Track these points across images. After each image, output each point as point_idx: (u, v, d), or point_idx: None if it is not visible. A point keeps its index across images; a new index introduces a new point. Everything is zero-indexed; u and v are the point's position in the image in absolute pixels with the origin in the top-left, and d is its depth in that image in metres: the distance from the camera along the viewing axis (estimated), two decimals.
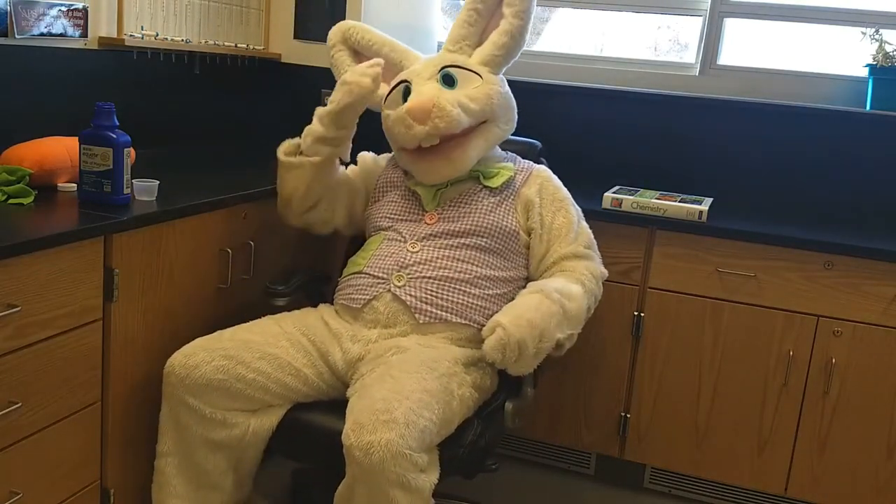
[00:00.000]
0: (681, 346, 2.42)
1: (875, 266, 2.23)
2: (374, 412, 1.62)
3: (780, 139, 2.71)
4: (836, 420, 2.32)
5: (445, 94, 2.02)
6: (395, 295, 1.95)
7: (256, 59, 3.05)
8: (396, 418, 1.60)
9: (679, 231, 2.36)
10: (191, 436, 1.84)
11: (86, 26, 2.31)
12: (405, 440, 1.58)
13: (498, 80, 2.14)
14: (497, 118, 2.12)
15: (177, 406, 1.83)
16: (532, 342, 1.80)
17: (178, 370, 1.81)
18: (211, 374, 1.80)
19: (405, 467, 1.57)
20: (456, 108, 2.01)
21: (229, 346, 1.85)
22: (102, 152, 1.80)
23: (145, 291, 1.88)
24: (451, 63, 2.10)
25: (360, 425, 1.60)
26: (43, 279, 1.60)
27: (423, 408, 1.65)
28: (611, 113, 2.86)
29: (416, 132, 2.00)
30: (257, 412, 1.86)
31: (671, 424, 2.47)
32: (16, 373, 1.58)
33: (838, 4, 2.73)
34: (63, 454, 1.74)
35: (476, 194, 2.10)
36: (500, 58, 2.14)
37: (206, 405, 1.81)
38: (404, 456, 1.57)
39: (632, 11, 2.98)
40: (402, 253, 2.02)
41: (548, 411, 2.58)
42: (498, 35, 2.13)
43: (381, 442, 1.57)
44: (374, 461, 1.56)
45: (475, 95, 2.07)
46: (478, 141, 2.09)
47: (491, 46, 2.13)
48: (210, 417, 1.82)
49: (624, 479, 2.64)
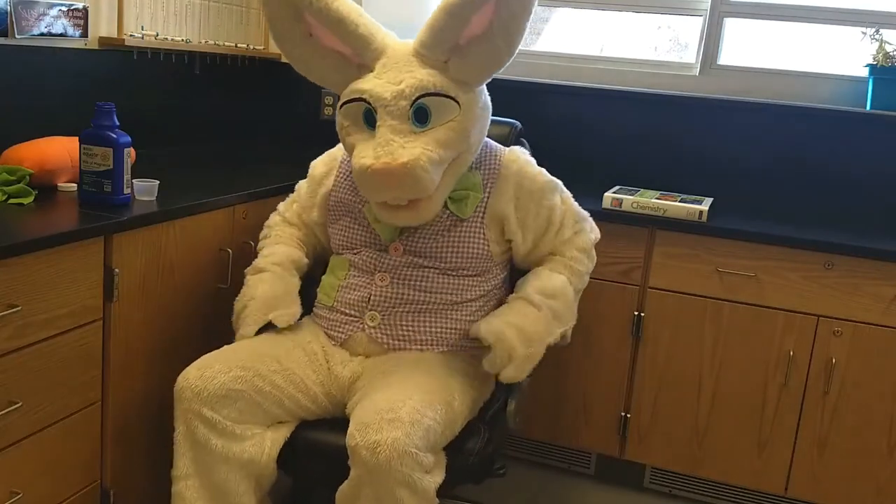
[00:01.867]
0: (681, 346, 2.42)
1: (875, 266, 2.23)
2: (379, 411, 1.61)
3: (780, 139, 2.71)
4: (836, 420, 2.32)
5: (419, 156, 1.72)
6: (369, 336, 1.89)
7: (256, 59, 3.05)
8: (401, 417, 1.59)
9: (679, 231, 2.36)
10: (209, 453, 1.73)
11: (86, 26, 2.30)
12: (411, 439, 1.57)
13: (476, 96, 1.84)
14: (469, 148, 1.85)
15: (193, 422, 1.73)
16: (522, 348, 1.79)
17: (194, 383, 1.73)
18: (230, 383, 1.73)
19: (411, 466, 1.56)
20: (430, 174, 1.74)
21: (245, 357, 1.80)
22: (102, 152, 1.80)
23: (145, 291, 1.88)
24: (427, 90, 1.76)
25: (366, 425, 1.59)
26: (43, 279, 1.60)
27: (426, 407, 1.65)
28: (611, 113, 2.86)
29: (382, 195, 1.78)
30: (270, 427, 1.80)
31: (671, 424, 2.47)
32: (16, 373, 1.58)
33: (838, 4, 2.73)
34: (63, 454, 1.74)
35: (441, 221, 1.90)
36: (481, 78, 1.84)
37: (224, 417, 1.73)
38: (410, 455, 1.56)
39: (632, 11, 2.98)
40: (369, 287, 1.91)
41: (548, 411, 2.57)
42: (487, 53, 1.78)
43: (388, 441, 1.56)
44: (380, 460, 1.55)
45: (450, 139, 1.78)
46: (448, 182, 1.84)
47: (477, 64, 1.80)
48: (230, 431, 1.73)
49: (624, 479, 2.64)
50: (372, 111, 1.78)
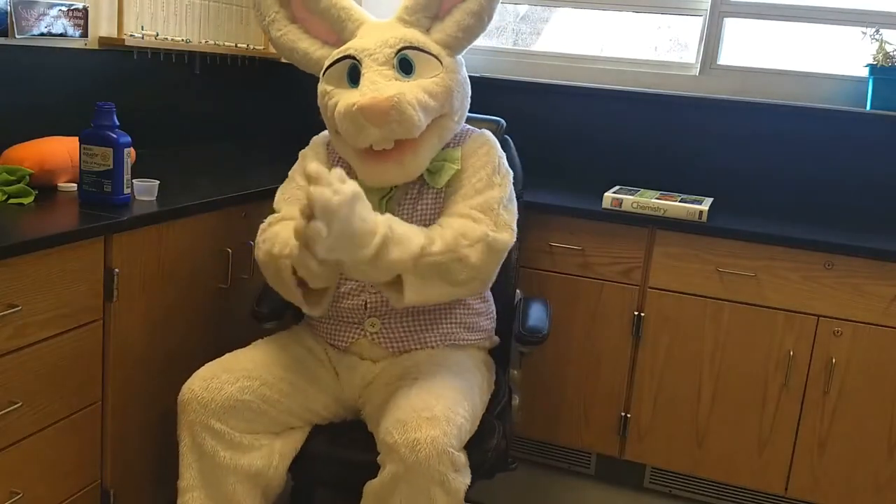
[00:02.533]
0: (681, 346, 2.42)
1: (875, 266, 2.23)
2: (415, 410, 1.61)
3: (780, 139, 2.71)
4: (836, 420, 2.32)
5: (405, 92, 1.73)
6: (372, 341, 1.88)
7: (256, 59, 3.05)
8: (437, 415, 1.60)
9: (679, 231, 2.36)
10: (217, 465, 1.71)
11: (86, 26, 2.30)
12: (448, 438, 1.58)
13: (457, 64, 1.87)
14: (453, 111, 1.86)
15: (200, 433, 1.71)
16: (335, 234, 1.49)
17: (201, 394, 1.71)
18: (237, 394, 1.71)
19: (447, 465, 1.58)
20: (417, 112, 1.73)
21: (250, 366, 1.78)
22: (103, 152, 1.80)
23: (145, 291, 1.88)
24: (411, 44, 1.80)
25: (403, 423, 1.59)
26: (43, 279, 1.60)
27: (457, 405, 1.66)
28: (611, 113, 2.86)
29: (368, 134, 1.73)
30: (280, 435, 1.78)
31: (671, 424, 2.47)
32: (16, 373, 1.58)
33: (838, 4, 2.73)
34: (63, 454, 1.74)
35: (423, 197, 1.88)
36: (462, 41, 1.86)
37: (232, 428, 1.71)
38: (447, 454, 1.58)
39: (632, 11, 2.98)
40: (363, 294, 1.86)
41: (548, 411, 2.57)
42: (462, 14, 1.83)
43: (428, 439, 1.56)
44: (420, 458, 1.55)
45: (435, 90, 1.79)
46: (432, 140, 1.83)
47: (454, 26, 1.84)
48: (238, 441, 1.71)
49: (624, 479, 2.64)
50: (357, 64, 1.79)
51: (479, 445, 1.76)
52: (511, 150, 2.21)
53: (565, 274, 2.47)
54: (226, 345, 2.07)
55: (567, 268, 2.47)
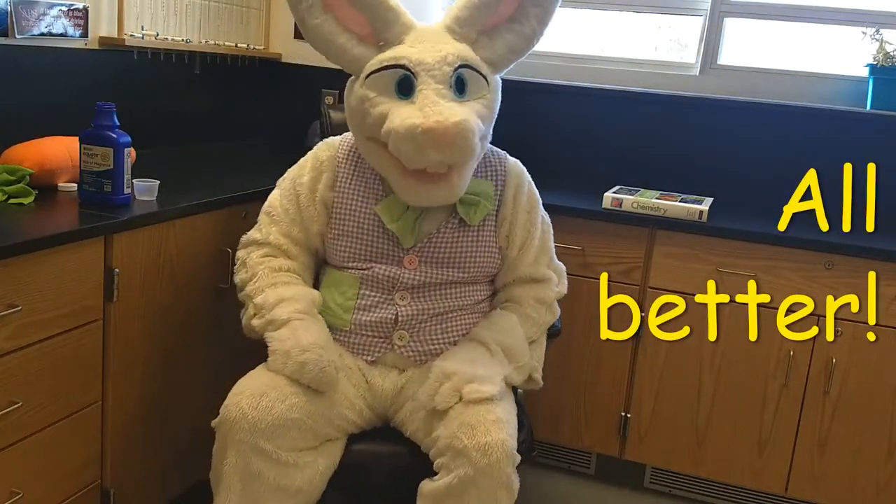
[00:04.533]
0: (681, 346, 2.42)
1: (875, 266, 2.22)
2: (479, 412, 1.62)
3: (780, 139, 2.71)
4: (836, 420, 2.32)
5: (468, 118, 1.67)
6: (399, 354, 1.84)
7: (256, 59, 3.05)
8: (501, 417, 1.63)
9: (679, 231, 2.36)
10: (262, 485, 1.64)
11: (86, 26, 2.30)
12: (512, 440, 1.61)
13: (498, 85, 1.85)
14: (489, 131, 1.84)
15: (248, 454, 1.63)
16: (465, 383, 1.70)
17: (250, 413, 1.62)
18: (287, 412, 1.64)
19: (511, 467, 1.61)
20: (476, 138, 1.69)
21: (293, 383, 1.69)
22: (103, 152, 1.80)
23: (145, 291, 1.88)
24: (467, 62, 1.75)
25: (471, 427, 1.60)
26: (43, 279, 1.60)
27: (508, 404, 1.71)
28: (611, 113, 2.86)
29: (427, 157, 1.66)
30: (319, 448, 1.73)
31: (671, 424, 2.47)
32: (16, 373, 1.58)
33: (838, 4, 2.73)
34: (63, 454, 1.74)
35: (454, 230, 1.84)
36: (509, 62, 1.84)
37: (278, 447, 1.64)
38: (513, 456, 1.60)
39: (632, 11, 2.98)
40: (391, 307, 1.83)
41: (548, 411, 2.57)
42: (515, 36, 1.80)
43: (497, 442, 1.58)
44: (492, 462, 1.57)
45: (484, 113, 1.76)
46: (473, 164, 1.80)
47: (504, 47, 1.81)
48: (284, 461, 1.65)
49: (624, 479, 2.64)
50: (411, 76, 1.72)
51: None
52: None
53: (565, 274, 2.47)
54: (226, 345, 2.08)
55: (567, 268, 2.45)
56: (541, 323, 1.93)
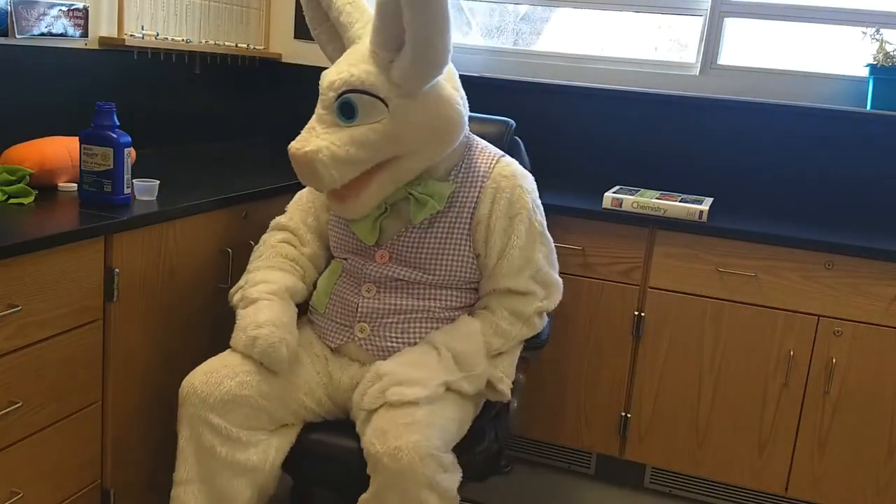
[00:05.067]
0: (681, 346, 2.42)
1: (875, 266, 2.23)
2: (394, 416, 1.62)
3: (780, 139, 2.71)
4: (836, 420, 2.32)
5: (321, 149, 1.68)
6: (359, 346, 1.87)
7: (256, 59, 3.05)
8: (418, 420, 1.61)
9: (679, 231, 2.36)
10: (214, 459, 1.72)
11: (86, 26, 2.31)
12: (430, 441, 1.59)
13: (418, 108, 1.72)
14: (412, 152, 1.76)
15: (199, 427, 1.71)
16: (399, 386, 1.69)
17: (200, 389, 1.71)
18: (236, 389, 1.72)
19: (433, 468, 1.58)
20: (329, 170, 1.68)
21: (251, 361, 1.77)
22: (103, 152, 1.80)
23: (145, 291, 1.88)
24: (353, 87, 1.70)
25: (384, 431, 1.60)
26: (43, 279, 1.60)
27: (440, 407, 1.67)
28: (611, 113, 2.86)
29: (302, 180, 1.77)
30: (275, 431, 1.79)
31: (671, 424, 2.47)
32: (16, 373, 1.58)
33: (838, 4, 2.73)
34: (63, 454, 1.74)
35: (422, 230, 1.85)
36: (415, 81, 1.70)
37: (230, 423, 1.71)
38: (431, 456, 1.58)
39: (632, 11, 2.98)
40: (356, 298, 1.87)
41: (548, 411, 2.57)
42: (411, 58, 1.66)
43: (409, 445, 1.57)
44: (403, 465, 1.56)
45: (368, 139, 1.70)
46: (382, 181, 1.77)
47: (405, 66, 1.68)
48: (236, 437, 1.71)
49: (624, 479, 2.64)
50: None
51: (469, 446, 1.76)
52: (521, 153, 2.21)
53: (565, 274, 2.45)
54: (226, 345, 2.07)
55: (567, 268, 2.47)
56: (513, 335, 1.86)
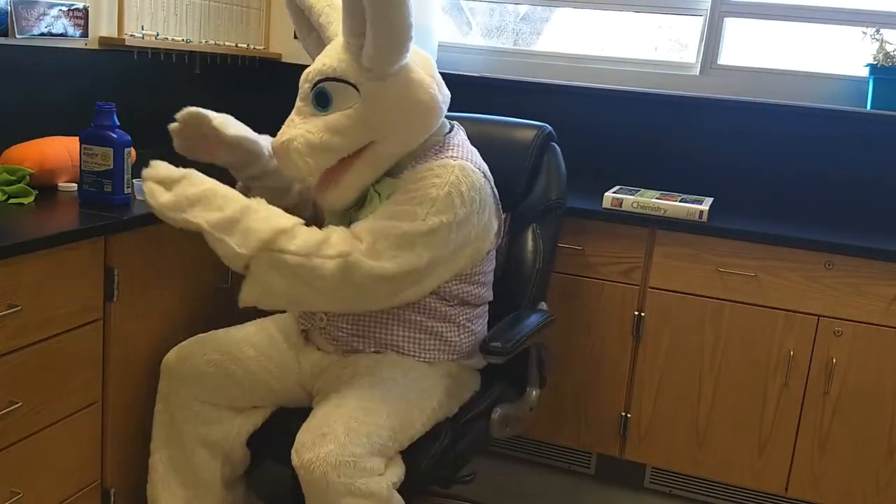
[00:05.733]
0: (681, 346, 2.42)
1: (875, 266, 2.23)
2: (314, 429, 1.64)
3: (780, 139, 2.71)
4: (836, 420, 2.32)
5: (296, 137, 1.69)
6: (320, 334, 1.89)
7: (256, 59, 3.05)
8: (335, 430, 1.61)
9: (679, 231, 2.36)
10: (182, 430, 1.85)
11: (86, 26, 2.31)
12: (345, 448, 1.58)
13: (388, 90, 1.71)
14: (387, 136, 1.74)
15: (169, 399, 1.86)
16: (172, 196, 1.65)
17: (173, 365, 1.85)
18: (202, 366, 1.83)
19: (351, 475, 1.58)
20: (304, 158, 1.69)
21: (223, 342, 1.88)
22: (103, 152, 1.80)
23: (145, 291, 1.88)
24: (326, 75, 1.72)
25: (303, 444, 1.62)
26: (43, 279, 1.60)
27: (366, 414, 1.65)
28: (611, 113, 2.86)
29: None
30: (243, 412, 1.88)
31: (672, 424, 2.47)
32: (16, 373, 1.58)
33: (838, 4, 2.73)
34: (63, 454, 1.74)
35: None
36: (379, 62, 1.68)
37: (195, 398, 1.84)
38: (347, 464, 1.58)
39: (632, 11, 2.98)
40: None
41: (548, 411, 2.57)
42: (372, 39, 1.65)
43: (321, 456, 1.58)
44: (316, 476, 1.58)
45: (343, 125, 1.70)
46: (360, 169, 1.75)
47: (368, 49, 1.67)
48: (199, 411, 1.84)
49: (624, 479, 2.64)
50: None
51: (418, 449, 1.74)
52: (552, 162, 2.17)
53: (566, 274, 2.48)
54: None
55: (567, 268, 2.47)
56: (309, 248, 1.63)
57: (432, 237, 1.68)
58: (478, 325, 1.94)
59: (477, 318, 1.94)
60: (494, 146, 2.13)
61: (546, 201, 2.15)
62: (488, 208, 1.82)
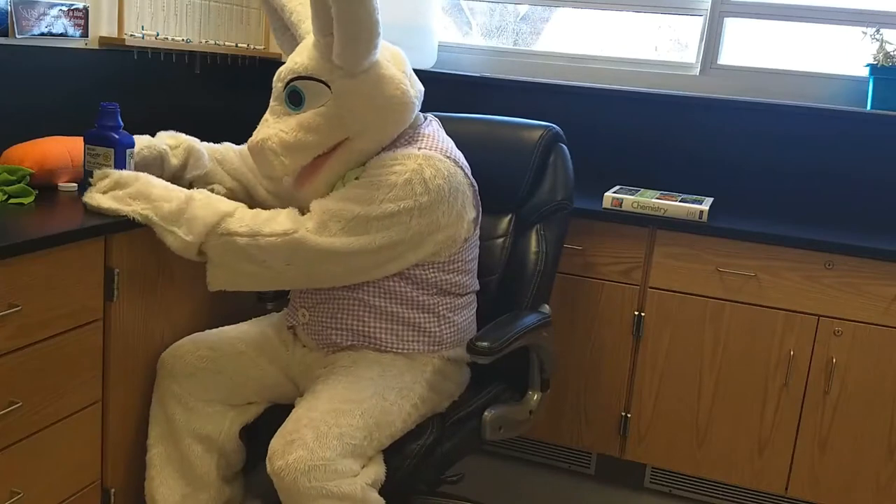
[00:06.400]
0: (681, 346, 2.42)
1: (875, 266, 2.23)
2: (285, 435, 1.64)
3: (780, 139, 2.71)
4: (836, 420, 2.32)
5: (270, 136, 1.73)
6: (304, 331, 1.91)
7: (256, 59, 3.05)
8: (303, 436, 1.61)
9: (679, 231, 2.36)
10: (177, 426, 1.87)
11: (86, 26, 2.30)
12: (314, 453, 1.59)
13: (360, 87, 1.73)
14: (360, 132, 1.76)
15: (164, 395, 1.88)
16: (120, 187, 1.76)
17: (168, 361, 1.89)
18: (194, 362, 1.87)
19: (322, 478, 1.58)
20: (279, 157, 1.72)
21: (216, 339, 1.91)
22: (105, 152, 1.81)
23: (145, 291, 1.88)
24: (298, 74, 1.74)
25: (274, 451, 1.63)
26: (43, 279, 1.60)
27: (338, 416, 1.65)
28: (611, 113, 2.86)
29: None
30: (237, 407, 1.91)
31: (671, 424, 2.47)
32: (16, 373, 1.58)
33: (838, 4, 2.73)
34: (63, 454, 1.74)
35: None
36: (347, 59, 1.69)
37: (188, 394, 1.87)
38: (318, 468, 1.58)
39: (632, 11, 2.98)
40: None
41: (548, 411, 2.57)
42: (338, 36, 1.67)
43: (290, 463, 1.59)
44: (287, 483, 1.59)
45: (314, 124, 1.72)
46: (333, 166, 1.78)
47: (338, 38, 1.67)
48: (192, 406, 1.87)
49: (624, 479, 2.64)
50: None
51: (400, 448, 1.73)
52: (560, 163, 2.17)
53: (566, 274, 2.48)
54: None
55: (567, 268, 2.47)
56: (253, 228, 1.71)
57: (388, 221, 1.71)
58: (462, 316, 1.92)
59: (460, 310, 1.92)
60: (499, 146, 2.13)
61: (552, 202, 2.14)
62: (461, 195, 1.81)
